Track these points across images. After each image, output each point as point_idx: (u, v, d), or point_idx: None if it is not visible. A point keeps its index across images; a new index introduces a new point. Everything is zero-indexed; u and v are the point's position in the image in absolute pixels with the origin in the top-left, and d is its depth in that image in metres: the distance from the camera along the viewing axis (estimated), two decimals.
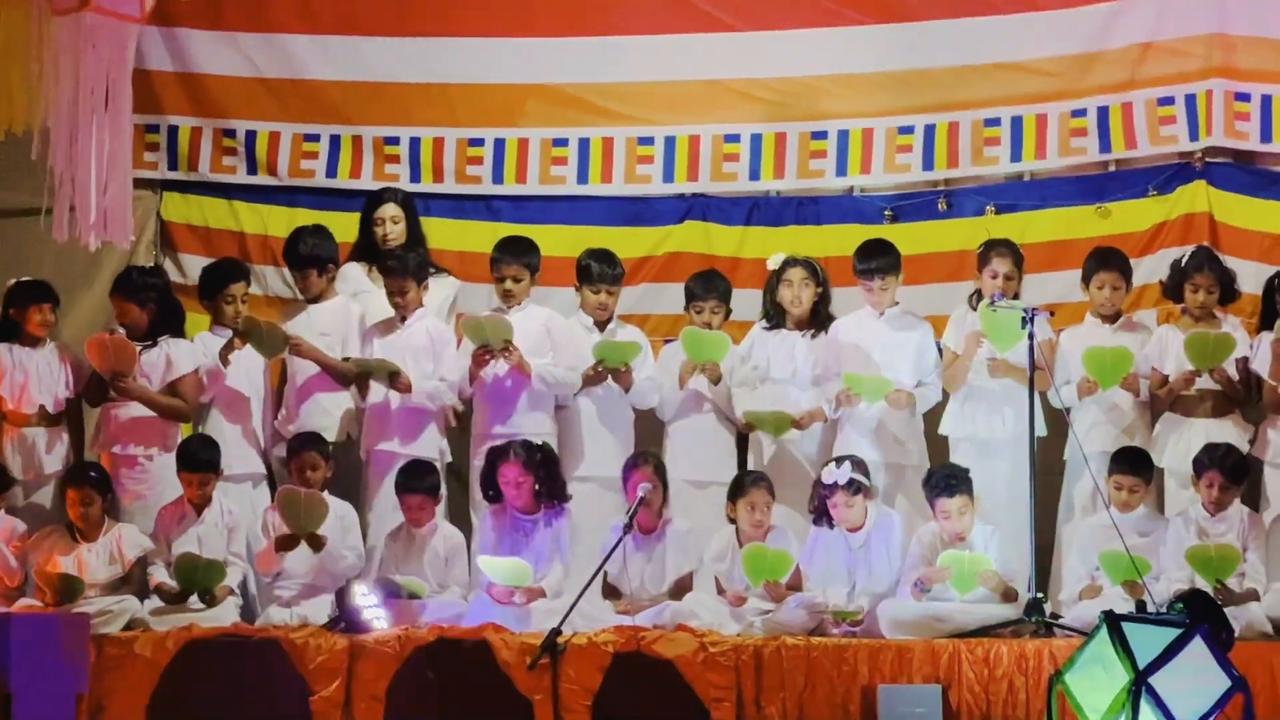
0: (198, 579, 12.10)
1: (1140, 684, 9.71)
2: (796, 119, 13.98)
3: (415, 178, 14.13)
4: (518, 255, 13.17)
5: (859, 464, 12.28)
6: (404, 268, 13.15)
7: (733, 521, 12.40)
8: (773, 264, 13.20)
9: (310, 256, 13.27)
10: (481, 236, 13.78)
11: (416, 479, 12.55)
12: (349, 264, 13.58)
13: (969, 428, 12.90)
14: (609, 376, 12.96)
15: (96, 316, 13.52)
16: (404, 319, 13.20)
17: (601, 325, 13.19)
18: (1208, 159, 13.68)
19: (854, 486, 12.15)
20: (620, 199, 14.16)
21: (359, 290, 13.46)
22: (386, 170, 14.20)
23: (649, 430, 13.26)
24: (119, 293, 13.04)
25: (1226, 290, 12.92)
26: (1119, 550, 11.77)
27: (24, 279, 13.08)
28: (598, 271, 13.13)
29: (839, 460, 12.31)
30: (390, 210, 13.53)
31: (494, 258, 13.26)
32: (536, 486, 12.34)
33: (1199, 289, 12.81)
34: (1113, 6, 13.77)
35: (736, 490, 12.46)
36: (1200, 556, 11.67)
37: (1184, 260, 13.05)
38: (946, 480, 12.16)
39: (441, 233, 14.07)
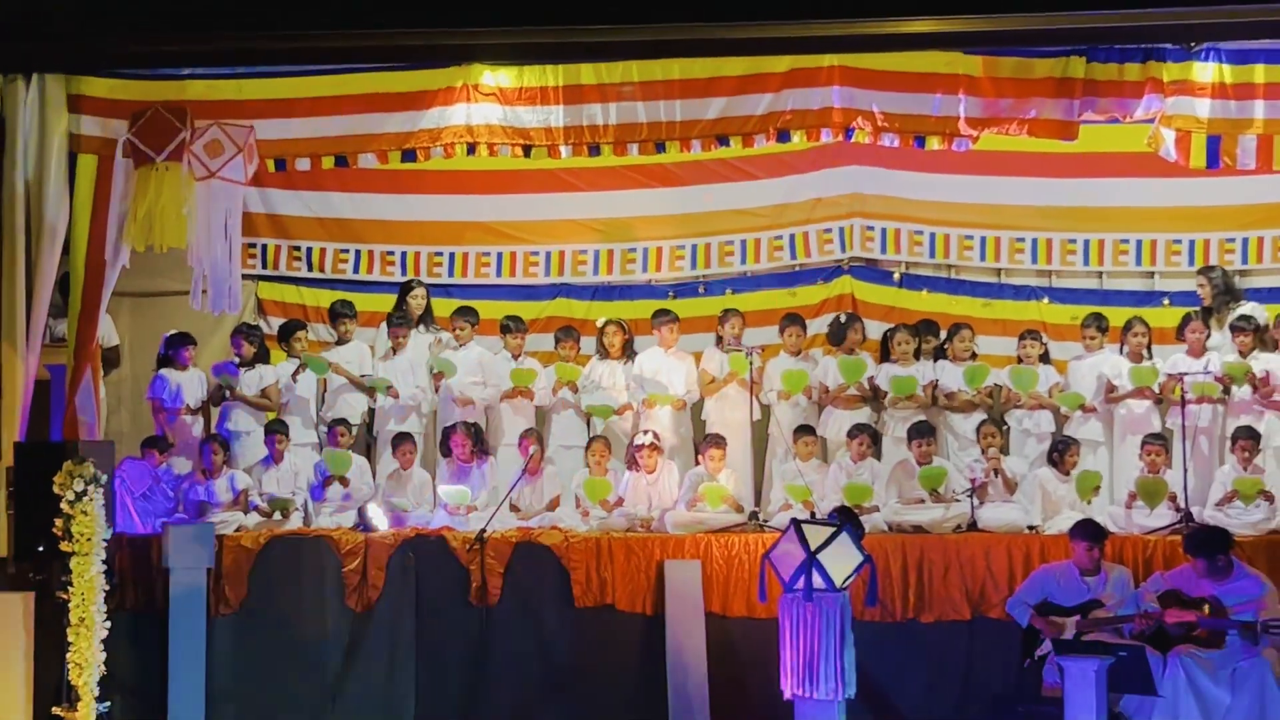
0: (278, 506, 12.12)
1: (811, 559, 9.99)
2: (619, 241, 13.91)
3: (404, 274, 13.91)
4: (460, 316, 13.15)
5: (655, 434, 12.34)
6: (405, 320, 13.16)
7: (587, 466, 12.38)
8: (600, 323, 13.20)
9: (343, 314, 13.25)
10: (442, 307, 13.55)
11: (406, 440, 12.56)
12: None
13: (719, 417, 12.84)
14: (518, 394, 12.92)
15: (219, 354, 13.27)
16: (396, 352, 13.09)
17: (516, 357, 13.07)
18: (851, 263, 13.70)
19: (652, 446, 12.22)
20: (520, 286, 14.01)
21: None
22: (387, 270, 14.01)
23: (540, 416, 13.16)
24: (237, 335, 13.00)
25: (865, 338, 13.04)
26: (801, 483, 11.98)
27: (176, 331, 13.03)
28: (511, 326, 13.10)
29: (644, 431, 12.40)
30: (421, 291, 13.38)
31: (450, 318, 13.23)
32: (473, 447, 12.39)
33: (856, 331, 12.91)
34: (799, 178, 13.66)
35: (587, 448, 12.49)
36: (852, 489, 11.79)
37: (844, 318, 13.11)
38: (715, 440, 12.17)
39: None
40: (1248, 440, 11.69)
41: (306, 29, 11.09)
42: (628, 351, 13.09)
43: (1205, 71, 11.33)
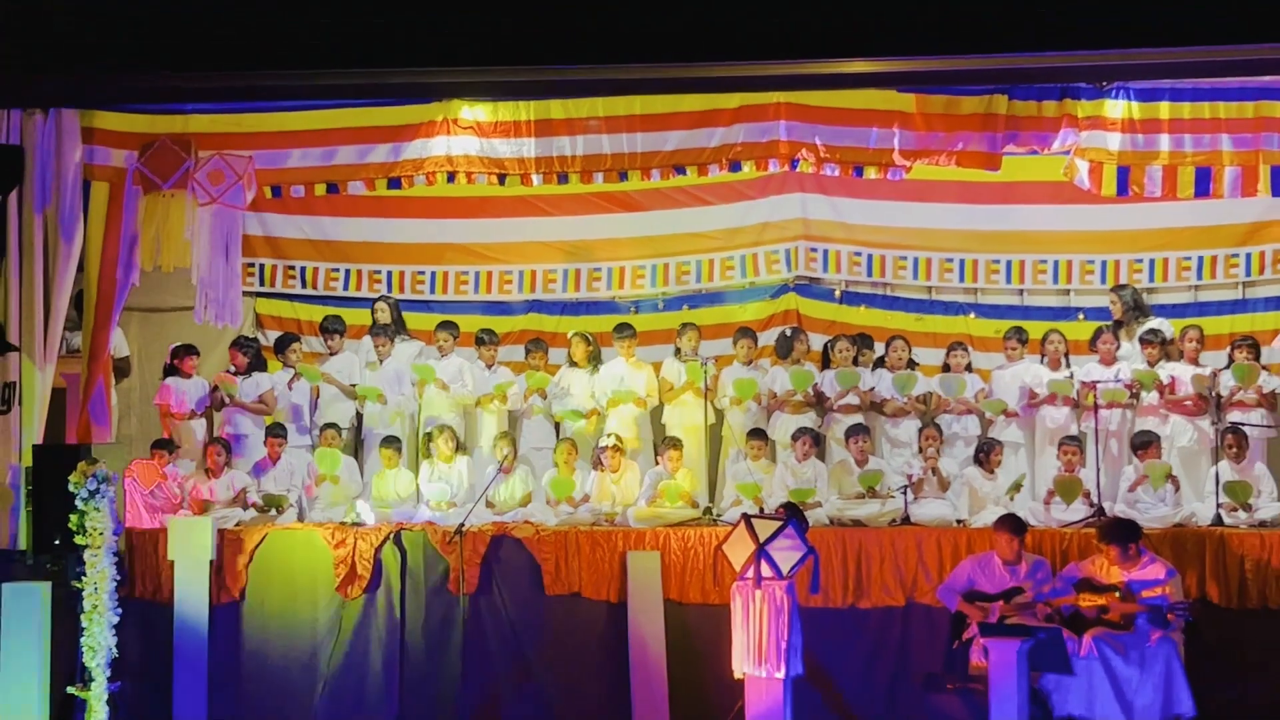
0: (274, 502, 12.13)
1: (760, 550, 10.12)
2: (585, 261, 13.86)
3: (389, 291, 13.83)
4: (443, 329, 13.18)
5: (618, 437, 12.35)
6: (384, 332, 13.14)
7: (555, 466, 12.38)
8: (569, 335, 13.23)
9: (333, 329, 13.24)
10: (424, 321, 13.60)
11: (392, 442, 12.51)
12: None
13: (678, 419, 12.82)
14: (496, 400, 12.93)
15: (221, 363, 13.20)
16: (382, 361, 13.04)
17: (489, 366, 13.08)
18: (797, 281, 13.68)
19: (615, 448, 12.23)
20: (495, 302, 13.97)
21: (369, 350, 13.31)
22: (375, 288, 13.90)
23: (513, 421, 13.13)
24: (235, 347, 12.98)
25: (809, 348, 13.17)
26: (751, 481, 11.98)
27: (181, 343, 13.00)
28: (485, 339, 13.16)
29: (608, 434, 12.41)
30: (383, 305, 13.34)
31: (434, 331, 13.24)
32: (454, 448, 12.44)
33: (802, 343, 12.98)
34: (748, 204, 13.62)
35: (556, 449, 12.52)
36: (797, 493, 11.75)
37: (790, 332, 13.13)
38: (674, 442, 12.26)
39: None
40: (1156, 444, 11.98)
41: (301, 68, 11.21)
42: (593, 361, 13.14)
43: (1116, 108, 11.64)
